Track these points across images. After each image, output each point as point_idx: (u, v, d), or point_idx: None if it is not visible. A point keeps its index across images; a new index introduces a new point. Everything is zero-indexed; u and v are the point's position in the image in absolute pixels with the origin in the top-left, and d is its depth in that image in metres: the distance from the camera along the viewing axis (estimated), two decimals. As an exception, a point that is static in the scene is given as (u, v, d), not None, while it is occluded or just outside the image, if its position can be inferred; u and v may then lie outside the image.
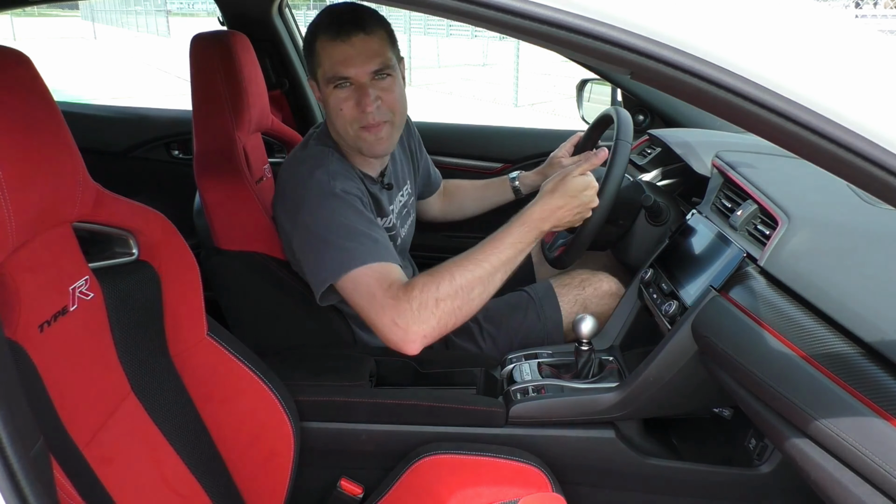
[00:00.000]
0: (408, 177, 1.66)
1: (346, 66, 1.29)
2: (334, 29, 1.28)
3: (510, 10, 0.59)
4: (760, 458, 1.26)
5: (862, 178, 0.60)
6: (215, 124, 1.58)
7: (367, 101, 1.30)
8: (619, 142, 1.49)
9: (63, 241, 0.90)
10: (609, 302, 1.61)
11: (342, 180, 1.34)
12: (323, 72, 1.31)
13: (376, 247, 1.27)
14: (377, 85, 1.32)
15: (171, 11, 28.38)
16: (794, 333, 0.97)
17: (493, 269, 1.23)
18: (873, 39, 0.61)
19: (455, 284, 1.21)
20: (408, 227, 1.67)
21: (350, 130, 1.35)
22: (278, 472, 1.21)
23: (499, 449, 1.28)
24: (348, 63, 1.29)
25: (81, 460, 0.87)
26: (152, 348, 1.06)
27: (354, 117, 1.33)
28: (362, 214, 1.31)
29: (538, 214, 1.27)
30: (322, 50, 1.30)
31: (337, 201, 1.30)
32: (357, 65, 1.29)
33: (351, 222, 1.29)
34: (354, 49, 1.28)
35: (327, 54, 1.29)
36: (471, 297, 1.22)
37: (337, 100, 1.32)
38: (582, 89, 2.39)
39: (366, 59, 1.29)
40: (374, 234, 1.30)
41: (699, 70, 0.59)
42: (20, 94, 0.81)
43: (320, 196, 1.31)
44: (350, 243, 1.26)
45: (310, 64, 1.37)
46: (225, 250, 1.60)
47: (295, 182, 1.37)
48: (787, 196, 1.23)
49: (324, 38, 1.29)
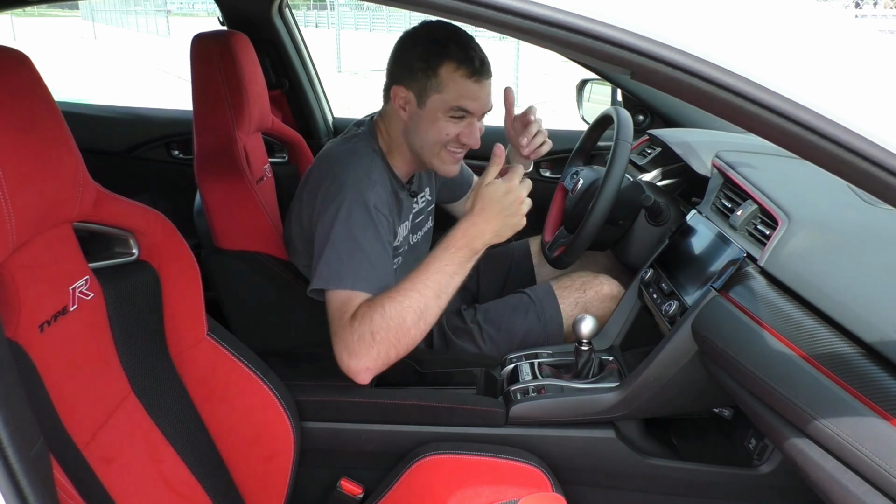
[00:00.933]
0: (427, 184, 1.67)
1: (474, 103, 1.37)
2: (473, 67, 1.35)
3: (510, 10, 0.59)
4: (760, 459, 1.26)
5: (862, 178, 0.60)
6: (216, 124, 1.58)
7: (476, 137, 1.41)
8: (619, 142, 1.49)
9: (63, 241, 0.91)
10: (610, 305, 1.60)
11: (379, 191, 1.36)
12: (445, 98, 1.36)
13: (368, 272, 1.28)
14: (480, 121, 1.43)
15: (171, 11, 28.36)
16: (794, 333, 0.97)
17: (425, 298, 1.23)
18: (873, 39, 0.61)
19: (386, 317, 1.21)
20: (423, 233, 1.66)
21: (437, 149, 1.41)
22: (278, 472, 1.21)
23: (499, 449, 1.28)
24: (477, 102, 1.37)
25: (81, 460, 0.87)
26: (152, 348, 1.06)
27: (452, 141, 1.40)
28: (378, 236, 1.33)
29: (461, 234, 1.26)
30: (452, 79, 1.34)
31: (363, 213, 1.32)
32: (482, 105, 1.39)
33: (362, 239, 1.30)
34: (484, 91, 1.38)
35: (458, 86, 1.35)
36: (406, 328, 1.22)
37: (448, 125, 1.38)
38: (582, 89, 2.39)
39: (487, 103, 1.41)
40: (376, 258, 1.31)
41: (699, 70, 0.59)
42: (20, 94, 0.81)
43: (353, 201, 1.32)
44: (347, 260, 1.28)
45: (420, 78, 1.36)
46: (225, 250, 1.60)
47: (334, 178, 1.38)
48: (787, 196, 1.23)
49: (459, 70, 1.34)
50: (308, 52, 2.57)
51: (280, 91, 2.49)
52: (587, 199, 1.59)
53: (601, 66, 1.56)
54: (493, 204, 1.25)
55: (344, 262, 1.28)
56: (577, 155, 1.87)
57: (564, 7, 0.59)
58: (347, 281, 1.27)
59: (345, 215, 1.31)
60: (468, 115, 1.39)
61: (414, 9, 0.70)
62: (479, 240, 1.26)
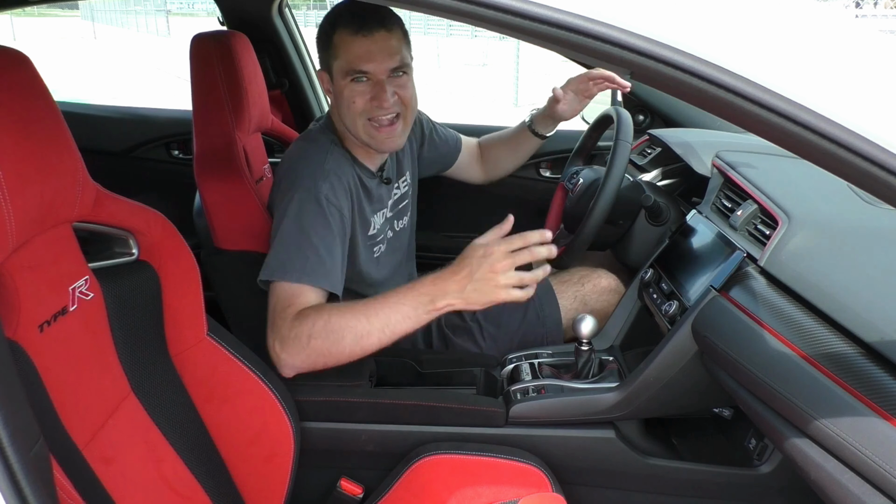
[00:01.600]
0: (406, 167, 1.65)
1: (367, 61, 1.30)
2: (357, 23, 1.28)
3: (510, 11, 0.59)
4: (760, 459, 1.26)
5: (862, 177, 0.60)
6: (215, 124, 1.58)
7: (383, 97, 1.32)
8: (620, 142, 1.49)
9: (63, 241, 0.90)
10: (608, 298, 1.61)
11: (333, 182, 1.35)
12: (340, 64, 1.32)
13: (315, 266, 1.27)
14: (394, 82, 1.34)
15: (170, 11, 28.38)
16: (794, 333, 0.97)
17: (371, 325, 1.20)
18: (873, 39, 0.61)
19: (328, 328, 1.19)
20: (406, 221, 1.66)
21: (359, 122, 1.36)
22: (278, 472, 1.21)
23: (499, 449, 1.28)
24: (369, 58, 1.30)
25: (81, 460, 0.87)
26: (152, 348, 1.06)
27: (366, 110, 1.34)
28: (329, 229, 1.31)
29: (430, 282, 1.20)
30: (341, 42, 1.30)
31: (314, 206, 1.31)
32: (377, 60, 1.30)
33: (312, 232, 1.29)
34: (376, 45, 1.29)
35: (347, 47, 1.30)
36: (342, 346, 1.20)
37: (352, 92, 1.33)
38: (582, 89, 2.38)
39: (386, 56, 1.31)
40: (325, 251, 1.29)
41: (699, 70, 0.59)
42: (20, 94, 0.81)
43: (305, 193, 1.32)
44: (296, 252, 1.27)
45: (323, 55, 1.37)
46: (225, 250, 1.60)
47: (290, 173, 1.39)
48: (787, 196, 1.23)
49: (344, 31, 1.30)
50: (308, 53, 2.57)
51: (280, 91, 2.49)
52: (587, 198, 1.59)
53: (601, 66, 1.56)
54: (465, 265, 1.17)
55: (292, 255, 1.28)
56: (578, 155, 1.87)
57: (564, 7, 0.59)
58: (293, 274, 1.26)
59: (295, 208, 1.31)
60: (368, 76, 1.32)
61: (414, 9, 0.70)
62: (441, 296, 1.18)
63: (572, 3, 0.59)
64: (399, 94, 1.35)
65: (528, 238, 1.16)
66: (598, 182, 1.57)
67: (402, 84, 1.35)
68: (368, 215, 1.47)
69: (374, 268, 1.52)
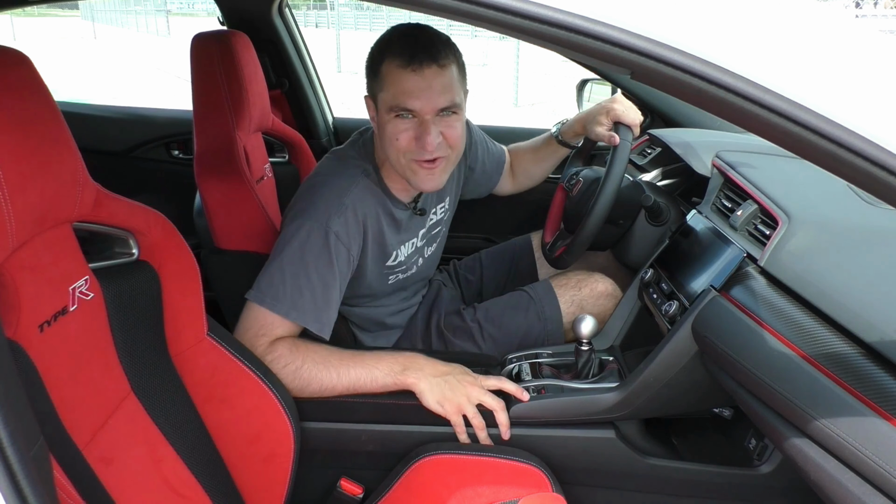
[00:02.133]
0: (448, 193, 1.59)
1: (414, 99, 1.22)
2: (407, 55, 1.20)
3: (510, 10, 0.59)
4: (760, 459, 1.26)
5: (862, 178, 0.60)
6: (216, 124, 1.58)
7: (428, 140, 1.24)
8: (620, 142, 1.49)
9: (63, 241, 0.90)
10: (605, 303, 1.60)
11: (347, 218, 1.31)
12: (385, 97, 1.25)
13: (307, 305, 1.27)
14: (441, 122, 1.26)
15: (170, 11, 28.39)
16: (794, 333, 0.97)
17: (340, 381, 1.25)
18: (873, 39, 0.61)
19: (298, 374, 1.24)
20: (435, 246, 1.63)
21: (402, 160, 1.29)
22: (278, 472, 1.21)
23: (499, 449, 1.28)
24: (417, 96, 1.22)
25: (81, 460, 0.87)
26: (152, 348, 1.06)
27: (410, 149, 1.27)
28: (331, 268, 1.29)
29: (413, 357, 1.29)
30: (389, 74, 1.23)
31: (321, 240, 1.28)
32: (425, 99, 1.22)
33: (313, 268, 1.28)
34: (425, 82, 1.21)
35: (394, 81, 1.22)
36: (306, 390, 1.26)
37: (396, 129, 1.26)
38: (582, 89, 2.39)
39: (435, 95, 1.22)
40: (320, 291, 1.29)
41: (699, 70, 0.59)
42: (20, 94, 0.81)
43: (314, 224, 1.29)
44: (291, 284, 1.27)
45: (370, 82, 1.31)
46: (225, 250, 1.60)
47: (310, 194, 1.35)
48: (787, 196, 1.23)
49: (393, 62, 1.22)
50: (308, 52, 2.57)
51: (280, 91, 2.49)
52: (587, 199, 1.58)
53: (601, 65, 1.56)
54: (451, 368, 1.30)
55: (287, 286, 1.26)
56: (577, 155, 1.87)
57: (564, 7, 0.59)
58: (282, 307, 1.26)
59: (303, 236, 1.28)
60: (413, 114, 1.24)
61: (414, 9, 0.70)
62: (414, 371, 1.26)
63: (572, 2, 0.59)
64: (445, 134, 1.27)
65: (504, 386, 1.29)
66: (598, 182, 1.57)
67: (449, 124, 1.27)
68: (391, 248, 1.44)
69: (379, 288, 1.51)
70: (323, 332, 1.30)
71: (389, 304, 1.58)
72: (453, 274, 1.91)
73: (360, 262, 1.39)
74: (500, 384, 1.29)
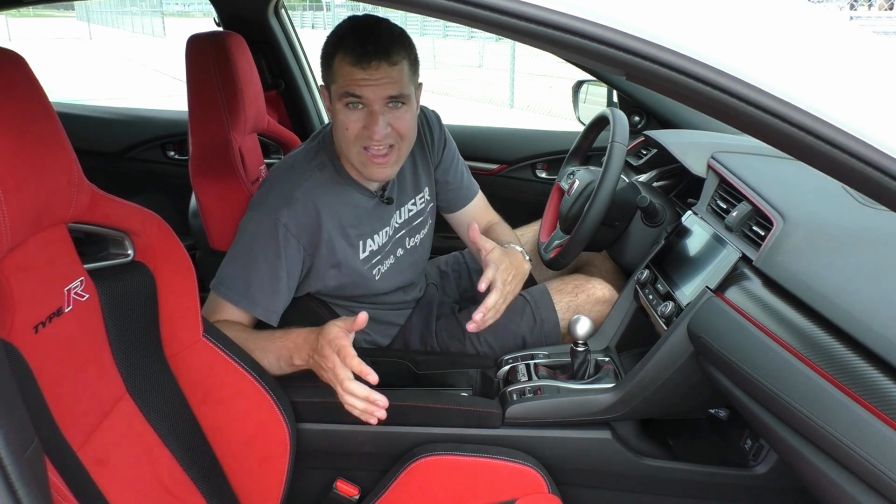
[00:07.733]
0: (425, 184, 1.59)
1: (361, 87, 1.25)
2: (357, 53, 1.23)
3: (505, 11, 0.59)
4: (756, 459, 1.27)
5: (856, 179, 0.60)
6: (211, 125, 1.58)
7: (375, 129, 1.27)
8: (615, 143, 1.49)
9: (58, 242, 0.90)
10: (602, 308, 1.59)
11: (297, 210, 1.34)
12: (336, 88, 1.28)
13: (255, 293, 1.34)
14: (389, 112, 1.29)
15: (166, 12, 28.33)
16: (789, 334, 0.97)
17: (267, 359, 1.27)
18: (868, 41, 0.61)
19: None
20: (420, 238, 1.60)
21: (353, 149, 1.32)
22: (274, 474, 1.21)
23: (495, 450, 1.28)
24: (363, 84, 1.25)
25: (76, 462, 0.87)
26: (148, 349, 1.06)
27: (359, 137, 1.30)
28: (279, 258, 1.34)
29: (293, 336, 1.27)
30: (340, 67, 1.26)
31: (270, 231, 1.34)
32: (372, 89, 1.25)
33: (262, 258, 1.34)
34: (372, 77, 1.24)
35: (344, 72, 1.25)
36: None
37: (346, 118, 1.29)
38: (578, 91, 2.39)
39: (383, 87, 1.25)
40: (268, 280, 1.34)
41: (694, 71, 0.59)
42: (15, 94, 0.80)
43: (264, 216, 1.35)
44: (242, 274, 1.34)
45: (324, 73, 1.33)
46: (220, 251, 1.59)
47: (266, 186, 1.41)
48: (782, 197, 1.23)
49: (345, 58, 1.25)
50: (304, 54, 2.57)
51: (276, 92, 2.49)
52: (583, 200, 1.59)
53: (596, 67, 1.56)
54: (315, 338, 1.20)
55: (237, 274, 1.35)
56: (573, 156, 1.87)
57: (559, 8, 0.59)
58: (232, 295, 1.34)
59: (253, 228, 1.36)
60: (361, 102, 1.26)
61: (410, 9, 0.70)
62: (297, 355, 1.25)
63: (567, 3, 0.59)
64: (393, 124, 1.29)
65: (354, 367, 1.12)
66: (593, 183, 1.57)
67: (398, 115, 1.29)
68: (357, 238, 1.43)
69: (376, 285, 1.51)
70: (269, 319, 1.36)
71: (386, 302, 1.58)
72: (452, 270, 1.89)
73: (328, 255, 1.40)
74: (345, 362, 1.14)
